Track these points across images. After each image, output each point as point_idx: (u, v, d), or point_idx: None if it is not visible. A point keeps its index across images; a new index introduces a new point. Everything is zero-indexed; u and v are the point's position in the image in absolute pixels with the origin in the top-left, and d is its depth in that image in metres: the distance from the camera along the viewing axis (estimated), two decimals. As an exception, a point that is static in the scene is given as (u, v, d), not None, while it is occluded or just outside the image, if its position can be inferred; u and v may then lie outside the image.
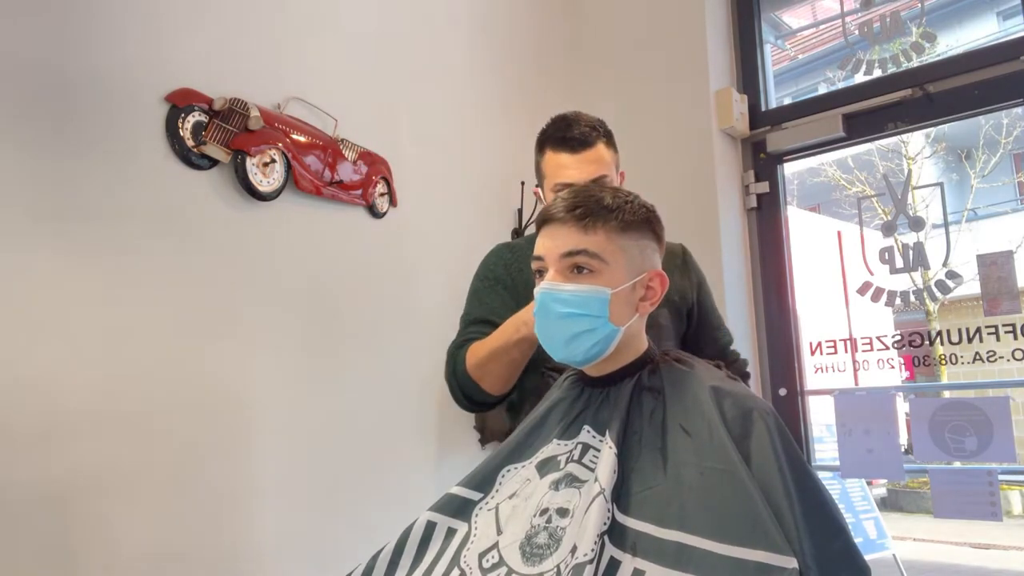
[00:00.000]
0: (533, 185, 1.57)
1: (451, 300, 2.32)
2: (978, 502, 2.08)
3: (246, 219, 1.74)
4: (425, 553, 1.03)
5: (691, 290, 1.54)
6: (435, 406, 2.20)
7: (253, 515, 1.67)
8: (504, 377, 1.38)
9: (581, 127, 1.43)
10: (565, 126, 1.44)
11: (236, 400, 1.67)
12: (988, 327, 2.14)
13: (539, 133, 1.50)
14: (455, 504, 1.06)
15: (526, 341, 1.30)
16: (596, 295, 0.98)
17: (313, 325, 1.87)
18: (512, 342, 1.32)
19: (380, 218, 2.09)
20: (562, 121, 1.46)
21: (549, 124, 1.49)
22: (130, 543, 1.46)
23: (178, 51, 1.64)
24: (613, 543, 0.88)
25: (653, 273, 1.03)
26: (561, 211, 1.00)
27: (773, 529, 0.80)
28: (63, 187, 1.43)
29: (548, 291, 1.00)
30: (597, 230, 0.98)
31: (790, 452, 0.90)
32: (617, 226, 0.99)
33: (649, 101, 2.65)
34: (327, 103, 1.95)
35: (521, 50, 2.74)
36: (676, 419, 0.95)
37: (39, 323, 1.38)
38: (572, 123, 1.44)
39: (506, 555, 0.94)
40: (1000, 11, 6.48)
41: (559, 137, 1.45)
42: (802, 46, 3.75)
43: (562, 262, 0.99)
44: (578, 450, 1.00)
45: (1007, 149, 6.49)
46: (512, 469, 1.06)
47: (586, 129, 1.43)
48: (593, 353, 1.00)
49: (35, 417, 1.35)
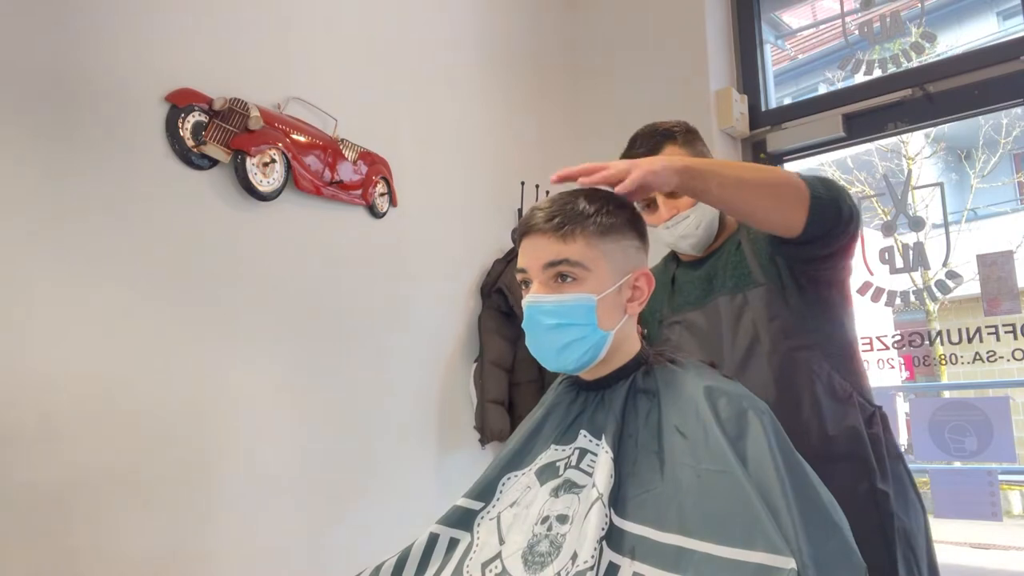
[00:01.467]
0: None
1: (451, 300, 2.33)
2: (978, 502, 2.08)
3: (246, 219, 1.74)
4: (428, 565, 1.03)
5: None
6: (435, 406, 2.20)
7: (253, 515, 1.67)
8: None
9: (643, 141, 1.40)
10: (629, 145, 1.42)
11: (235, 400, 1.67)
12: (988, 327, 2.14)
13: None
14: (457, 515, 1.06)
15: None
16: (582, 303, 0.98)
17: (313, 325, 1.87)
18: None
19: (380, 218, 2.10)
20: (629, 141, 1.43)
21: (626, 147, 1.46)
22: (130, 543, 1.46)
23: (178, 51, 1.64)
24: (611, 548, 0.88)
25: (639, 273, 1.03)
26: (539, 222, 0.99)
27: (771, 530, 0.80)
28: (63, 187, 1.43)
29: (533, 304, 1.00)
30: (576, 237, 0.98)
31: (786, 451, 0.90)
32: (596, 231, 0.99)
33: (649, 101, 2.65)
34: (327, 103, 1.95)
35: (521, 50, 2.74)
36: (671, 421, 0.95)
37: (39, 323, 1.38)
38: (636, 140, 1.42)
39: (509, 564, 0.94)
40: (1000, 11, 6.46)
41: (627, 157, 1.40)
42: (802, 46, 3.74)
43: (545, 273, 0.99)
44: (575, 455, 1.00)
45: (1007, 149, 6.48)
46: (512, 477, 1.06)
47: (646, 143, 1.39)
48: (585, 360, 1.00)
49: (35, 417, 1.35)
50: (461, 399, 2.29)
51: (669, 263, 1.52)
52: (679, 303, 1.43)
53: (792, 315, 1.28)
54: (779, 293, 1.29)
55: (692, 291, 1.42)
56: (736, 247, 1.38)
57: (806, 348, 1.27)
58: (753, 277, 1.32)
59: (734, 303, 1.32)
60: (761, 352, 1.28)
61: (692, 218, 1.35)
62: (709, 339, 1.35)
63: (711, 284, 1.38)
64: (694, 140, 1.43)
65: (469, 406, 2.31)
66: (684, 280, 1.45)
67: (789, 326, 1.28)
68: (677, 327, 1.42)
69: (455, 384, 2.28)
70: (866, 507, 1.21)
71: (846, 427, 1.24)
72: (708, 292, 1.38)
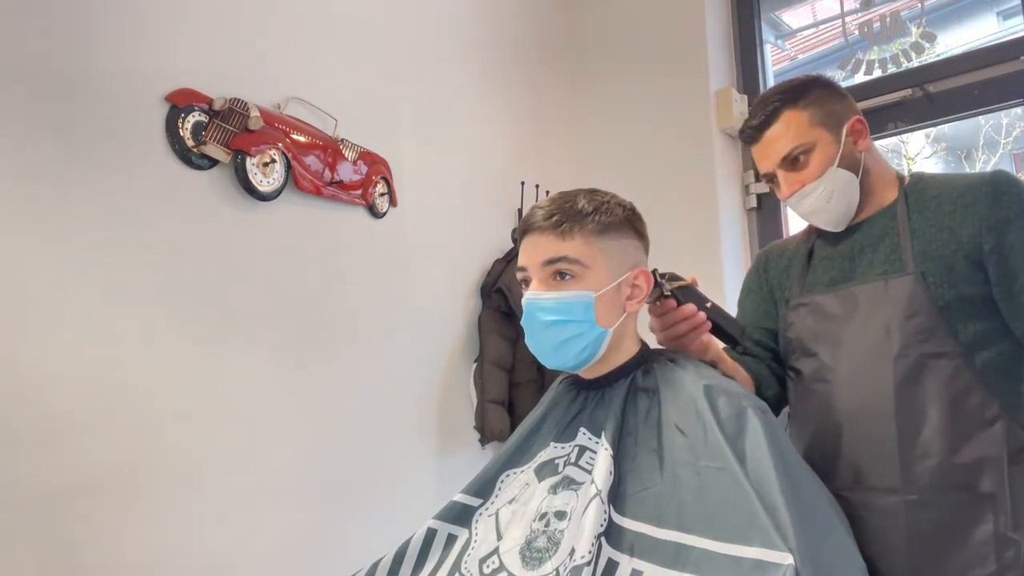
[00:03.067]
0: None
1: (451, 300, 2.33)
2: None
3: (246, 219, 1.74)
4: (426, 560, 1.04)
5: (969, 238, 1.10)
6: (435, 406, 2.20)
7: (252, 515, 1.67)
8: None
9: (757, 109, 1.25)
10: (750, 115, 1.26)
11: (235, 400, 1.67)
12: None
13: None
14: (455, 511, 1.07)
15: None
16: (580, 300, 0.98)
17: (313, 325, 1.87)
18: None
19: (380, 218, 2.10)
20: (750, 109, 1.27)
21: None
22: (130, 544, 1.46)
23: (178, 51, 1.64)
24: (611, 544, 0.88)
25: (638, 271, 1.04)
26: (539, 220, 1.01)
27: (769, 526, 0.80)
28: (63, 187, 1.43)
29: (532, 300, 1.01)
30: (575, 235, 0.99)
31: (784, 449, 0.90)
32: (595, 229, 1.00)
33: (649, 101, 2.65)
34: (327, 103, 1.95)
35: (521, 50, 2.74)
36: (671, 419, 0.95)
37: (38, 323, 1.38)
38: (754, 109, 1.26)
39: (506, 560, 0.94)
40: (1000, 11, 6.47)
41: (742, 131, 1.30)
42: (802, 46, 3.74)
43: (544, 270, 1.00)
44: (575, 452, 1.01)
45: (1007, 149, 6.48)
46: (511, 474, 1.07)
47: (760, 111, 1.24)
48: (583, 358, 1.01)
49: (35, 417, 1.36)
50: (461, 399, 2.30)
51: (810, 235, 1.32)
52: (810, 282, 1.25)
53: (938, 314, 1.07)
54: (931, 286, 1.08)
55: (828, 270, 1.23)
56: (891, 218, 1.18)
57: (946, 356, 1.07)
58: (903, 262, 1.12)
59: (874, 291, 1.13)
60: (887, 353, 1.09)
61: (821, 190, 1.17)
62: (831, 331, 1.18)
63: (853, 264, 1.20)
64: (821, 99, 1.20)
65: (469, 406, 2.31)
66: (821, 256, 1.26)
67: (931, 327, 1.07)
68: (803, 310, 1.24)
69: (455, 384, 2.28)
70: (982, 555, 1.02)
71: (979, 455, 1.04)
72: (847, 273, 1.20)
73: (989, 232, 1.08)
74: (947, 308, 1.08)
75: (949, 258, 1.10)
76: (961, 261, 1.09)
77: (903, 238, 1.14)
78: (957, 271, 1.09)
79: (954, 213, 1.11)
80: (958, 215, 1.11)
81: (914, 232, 1.14)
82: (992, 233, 1.08)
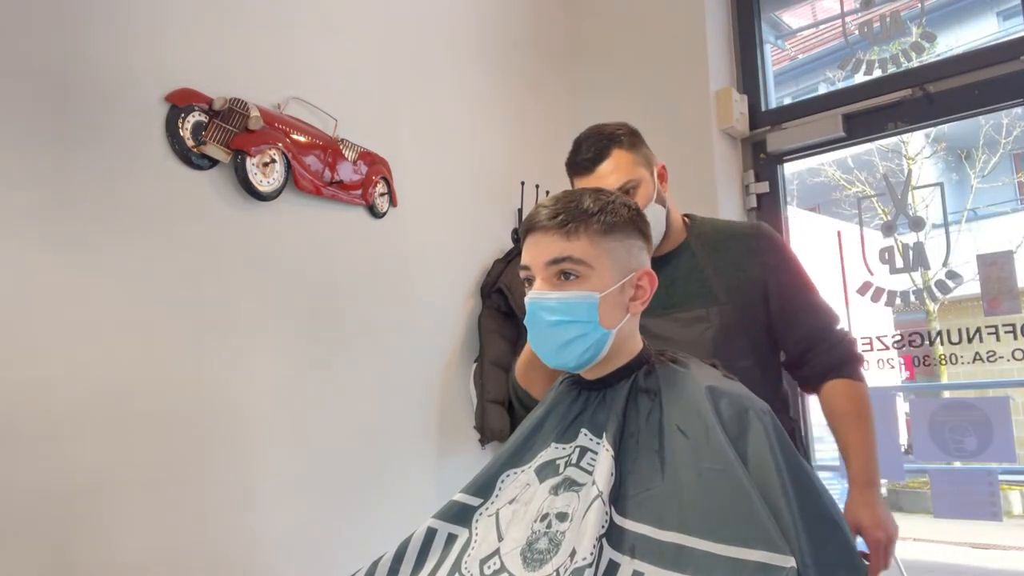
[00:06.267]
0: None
1: (451, 300, 2.33)
2: (978, 502, 2.08)
3: (246, 219, 1.74)
4: (426, 560, 1.03)
5: (758, 278, 1.41)
6: (436, 406, 2.20)
7: (253, 516, 1.67)
8: (547, 382, 1.37)
9: (589, 146, 1.40)
10: (575, 150, 1.44)
11: (236, 400, 1.67)
12: (988, 327, 2.14)
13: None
14: (455, 510, 1.06)
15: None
16: (584, 300, 0.98)
17: (313, 325, 1.87)
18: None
19: (380, 218, 2.10)
20: (574, 145, 1.45)
21: (570, 150, 1.47)
22: (130, 544, 1.46)
23: (178, 51, 1.64)
24: (612, 546, 0.88)
25: (642, 272, 1.03)
26: (543, 219, 1.00)
27: (771, 528, 0.80)
28: (63, 187, 1.43)
29: (536, 300, 1.00)
30: (580, 235, 0.98)
31: (787, 451, 0.90)
32: (600, 229, 0.99)
33: (649, 101, 2.65)
34: (327, 103, 1.95)
35: (521, 50, 2.74)
36: (673, 420, 0.95)
37: (38, 323, 1.38)
38: (580, 144, 1.43)
39: (507, 561, 0.94)
40: (1000, 11, 6.47)
41: (572, 162, 1.44)
42: (802, 46, 3.75)
43: (548, 270, 0.99)
44: (576, 453, 1.00)
45: (1007, 149, 6.48)
46: (512, 474, 1.06)
47: (592, 147, 1.40)
48: (586, 359, 1.00)
49: (35, 417, 1.35)
50: (461, 399, 2.29)
51: None
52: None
53: (747, 334, 1.38)
54: (742, 313, 1.38)
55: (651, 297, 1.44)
56: (692, 255, 1.44)
57: (748, 367, 1.31)
58: (715, 294, 1.39)
59: (696, 317, 1.38)
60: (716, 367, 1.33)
61: None
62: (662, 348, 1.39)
63: (668, 293, 1.39)
64: (638, 143, 1.44)
65: (469, 406, 2.31)
66: None
67: (746, 345, 1.36)
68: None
69: (455, 384, 2.28)
70: None
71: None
72: (664, 300, 1.38)
73: (769, 272, 1.41)
74: (747, 330, 1.38)
75: (748, 293, 1.40)
76: (755, 294, 1.40)
77: (711, 275, 1.41)
78: (751, 301, 1.40)
79: (743, 257, 1.42)
80: (746, 259, 1.42)
81: (716, 270, 1.42)
82: (772, 273, 1.41)
